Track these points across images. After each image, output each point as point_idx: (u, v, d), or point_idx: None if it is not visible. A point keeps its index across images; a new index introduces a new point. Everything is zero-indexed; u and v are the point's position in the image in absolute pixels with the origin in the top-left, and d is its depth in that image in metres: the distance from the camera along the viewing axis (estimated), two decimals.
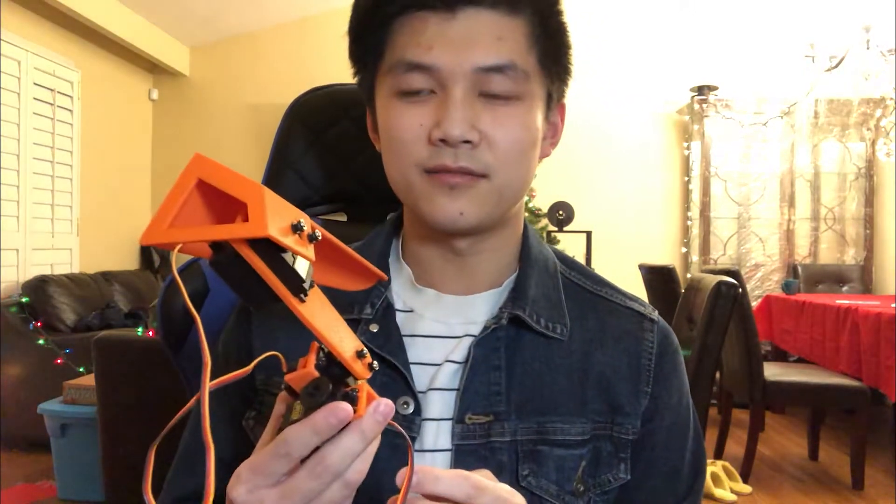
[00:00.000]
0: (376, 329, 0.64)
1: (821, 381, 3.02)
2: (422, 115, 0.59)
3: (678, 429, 0.68)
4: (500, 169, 0.60)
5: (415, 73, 0.59)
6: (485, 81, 0.58)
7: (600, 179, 5.05)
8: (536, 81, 0.61)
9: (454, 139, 0.57)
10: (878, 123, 4.62)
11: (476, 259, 0.66)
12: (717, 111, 4.68)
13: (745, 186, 4.76)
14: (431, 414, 0.62)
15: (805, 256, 4.74)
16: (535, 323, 0.63)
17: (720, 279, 2.23)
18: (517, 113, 0.60)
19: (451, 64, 0.58)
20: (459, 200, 0.59)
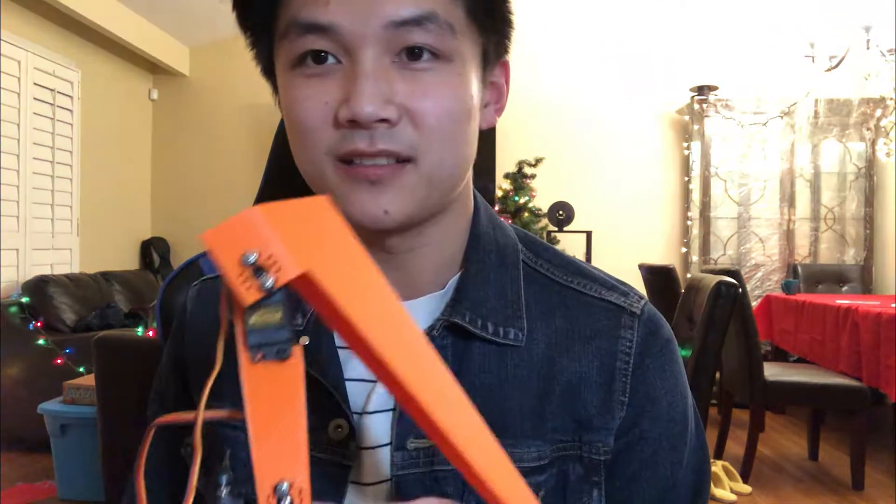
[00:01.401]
0: (307, 342, 0.54)
1: (821, 381, 3.02)
2: (326, 92, 0.48)
3: (668, 442, 0.56)
4: (429, 149, 0.48)
5: (312, 37, 0.47)
6: (400, 41, 0.47)
7: (600, 179, 5.05)
8: (466, 37, 0.50)
9: (366, 119, 0.46)
10: (878, 123, 4.62)
11: (413, 257, 0.55)
12: (717, 111, 4.68)
13: (745, 186, 4.75)
14: (368, 441, 0.53)
15: (805, 256, 4.74)
16: (479, 329, 0.53)
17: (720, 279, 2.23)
18: (444, 79, 0.48)
19: (355, 21, 0.46)
20: (383, 196, 0.48)
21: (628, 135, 5.05)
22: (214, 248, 0.30)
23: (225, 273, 0.30)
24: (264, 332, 0.31)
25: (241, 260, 0.30)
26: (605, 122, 5.03)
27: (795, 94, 4.55)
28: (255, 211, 0.31)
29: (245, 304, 0.30)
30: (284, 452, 0.31)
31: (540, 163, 4.62)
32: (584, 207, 4.80)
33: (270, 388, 0.32)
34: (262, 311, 0.31)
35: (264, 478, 0.31)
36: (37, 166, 3.92)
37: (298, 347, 0.33)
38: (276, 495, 0.31)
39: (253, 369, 0.32)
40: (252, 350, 0.32)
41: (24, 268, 3.83)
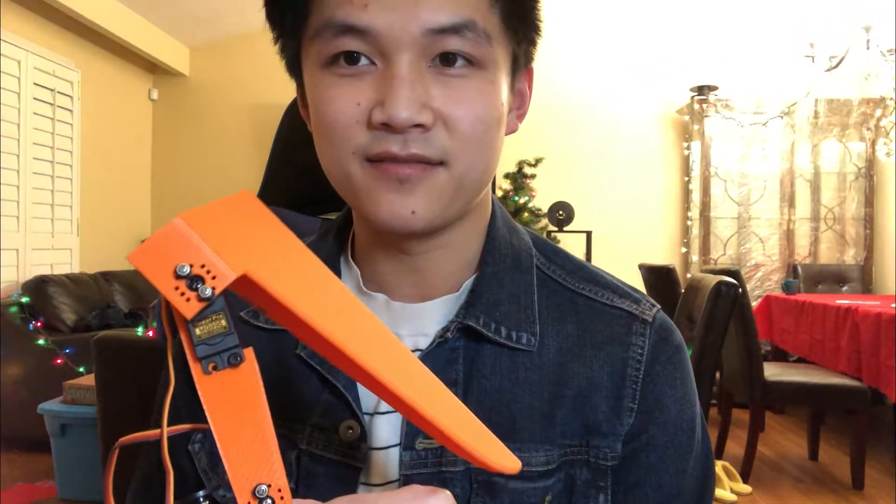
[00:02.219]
0: None
1: (821, 381, 3.02)
2: (359, 92, 0.47)
3: (674, 449, 0.55)
4: (461, 154, 0.48)
5: (347, 38, 0.47)
6: (437, 47, 0.47)
7: (600, 179, 5.05)
8: (500, 44, 0.50)
9: (402, 123, 0.46)
10: (878, 123, 4.62)
11: (430, 258, 0.55)
12: (717, 111, 4.68)
13: (745, 186, 4.76)
14: (378, 442, 0.53)
15: (805, 256, 4.74)
16: (492, 333, 0.53)
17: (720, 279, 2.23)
18: (478, 86, 0.48)
19: (394, 26, 0.46)
20: (411, 196, 0.48)
21: (628, 135, 5.05)
22: (143, 268, 0.30)
23: (161, 289, 0.30)
24: (212, 341, 0.31)
25: (175, 273, 0.30)
26: (605, 122, 5.04)
27: (795, 94, 4.55)
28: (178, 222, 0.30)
29: (187, 317, 0.30)
30: (256, 457, 0.31)
31: (540, 163, 4.62)
32: (584, 207, 4.80)
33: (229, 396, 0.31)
34: (205, 321, 0.31)
35: (241, 485, 0.31)
36: (37, 166, 3.92)
37: (249, 350, 0.32)
38: (256, 498, 0.31)
39: (208, 380, 0.31)
40: (203, 362, 0.31)
41: (24, 268, 3.83)
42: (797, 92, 4.53)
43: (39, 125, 3.94)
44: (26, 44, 3.83)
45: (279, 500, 0.31)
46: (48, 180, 4.03)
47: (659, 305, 0.59)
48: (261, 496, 0.31)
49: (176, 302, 0.30)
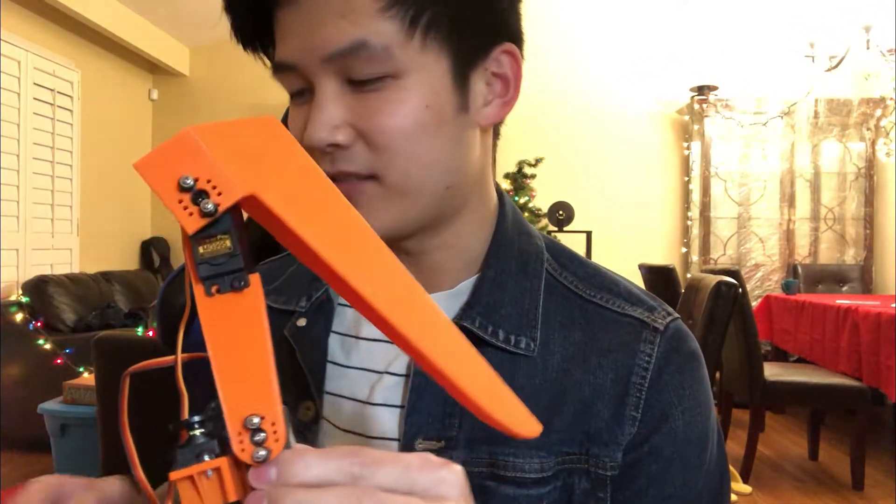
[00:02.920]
0: (303, 324, 0.57)
1: (821, 381, 3.02)
2: (301, 120, 0.51)
3: (680, 463, 0.53)
4: (388, 165, 0.49)
5: (284, 75, 0.52)
6: (346, 68, 0.49)
7: (600, 179, 5.05)
8: (414, 48, 0.49)
9: (317, 145, 0.49)
10: (878, 123, 4.62)
11: (428, 258, 0.56)
12: (717, 111, 4.68)
13: (745, 186, 4.76)
14: (373, 432, 0.54)
15: (805, 256, 4.74)
16: (489, 336, 0.53)
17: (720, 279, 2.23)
18: (390, 95, 0.49)
19: (302, 57, 0.49)
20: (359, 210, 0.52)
21: (628, 135, 5.05)
22: (148, 176, 0.29)
23: (163, 200, 0.29)
24: (214, 262, 0.30)
25: (179, 185, 0.28)
26: (605, 122, 5.04)
27: (795, 94, 4.55)
28: (191, 131, 0.29)
29: (188, 232, 0.29)
30: (252, 386, 0.30)
31: (540, 163, 4.62)
32: (584, 207, 4.80)
33: (230, 321, 0.30)
34: (210, 240, 0.30)
35: (233, 413, 0.30)
36: (37, 166, 3.92)
37: (256, 276, 0.31)
38: (247, 429, 0.29)
39: (209, 302, 0.30)
40: (205, 282, 0.30)
41: (24, 268, 3.83)
42: (797, 92, 4.53)
43: (39, 125, 3.94)
44: (26, 44, 3.83)
45: (272, 433, 0.30)
46: (48, 180, 4.04)
47: (678, 315, 0.57)
48: (252, 427, 0.29)
49: (178, 215, 0.29)
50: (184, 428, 0.31)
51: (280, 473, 0.30)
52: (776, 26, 4.75)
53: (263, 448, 0.29)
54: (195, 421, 0.31)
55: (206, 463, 0.30)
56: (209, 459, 0.30)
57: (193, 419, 0.31)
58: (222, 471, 0.30)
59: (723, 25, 4.83)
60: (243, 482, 0.30)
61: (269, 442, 0.30)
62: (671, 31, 4.92)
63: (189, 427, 0.31)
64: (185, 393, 0.31)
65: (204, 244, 0.30)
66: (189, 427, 0.31)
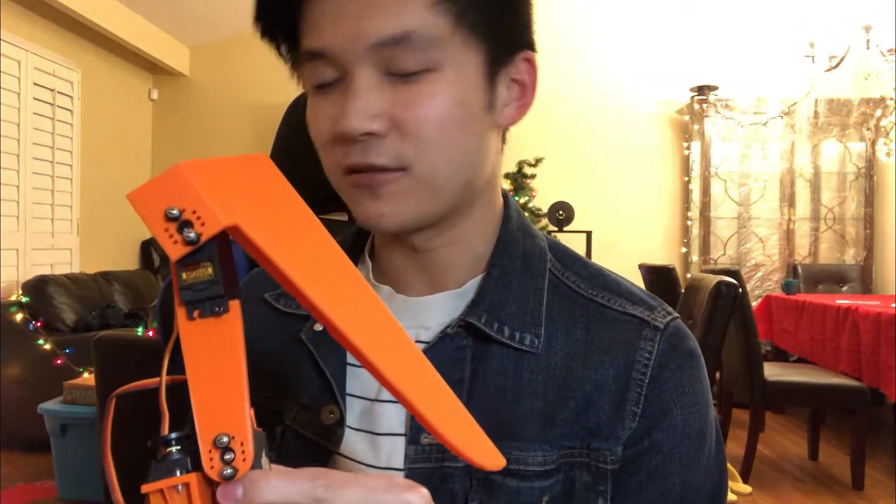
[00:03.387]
0: (320, 328, 0.58)
1: (821, 381, 3.02)
2: (331, 109, 0.51)
3: (679, 458, 0.54)
4: (419, 157, 0.50)
5: (315, 63, 0.51)
6: (388, 58, 0.49)
7: (600, 179, 5.05)
8: (456, 44, 0.50)
9: (352, 134, 0.49)
10: (878, 123, 4.62)
11: (437, 255, 0.57)
12: (717, 111, 4.69)
13: (745, 186, 4.76)
14: (380, 428, 0.55)
15: (805, 256, 4.74)
16: (494, 332, 0.54)
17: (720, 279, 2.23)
18: (431, 88, 0.50)
19: (344, 44, 0.49)
20: (379, 202, 0.51)
21: (628, 135, 5.05)
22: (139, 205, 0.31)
23: (151, 229, 0.31)
24: (196, 287, 0.32)
25: (166, 215, 0.30)
26: (605, 122, 5.04)
27: (795, 94, 4.55)
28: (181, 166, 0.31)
29: (172, 259, 0.31)
30: (224, 407, 0.32)
31: (540, 163, 4.62)
32: (584, 207, 4.80)
33: (209, 344, 0.32)
34: (192, 267, 0.32)
35: (205, 432, 0.32)
36: (37, 166, 3.93)
37: (235, 303, 0.33)
38: (217, 448, 0.31)
39: (190, 326, 0.32)
40: (187, 307, 0.32)
41: (24, 268, 3.83)
42: (797, 92, 4.53)
43: (39, 125, 3.94)
44: (26, 44, 3.83)
45: (240, 453, 0.31)
46: (48, 180, 4.04)
47: (677, 315, 0.58)
48: (222, 446, 0.31)
49: (164, 242, 0.31)
50: (161, 444, 0.33)
51: (246, 493, 0.32)
52: (776, 26, 4.75)
53: (231, 467, 0.31)
54: (172, 438, 0.33)
55: (177, 478, 0.32)
56: (180, 475, 0.32)
57: (171, 436, 0.33)
58: (191, 486, 0.32)
59: (723, 25, 4.83)
60: (212, 499, 0.32)
61: (237, 461, 0.32)
62: (671, 32, 4.92)
63: (166, 444, 0.33)
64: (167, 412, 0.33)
65: (187, 271, 0.32)
66: (166, 444, 0.33)
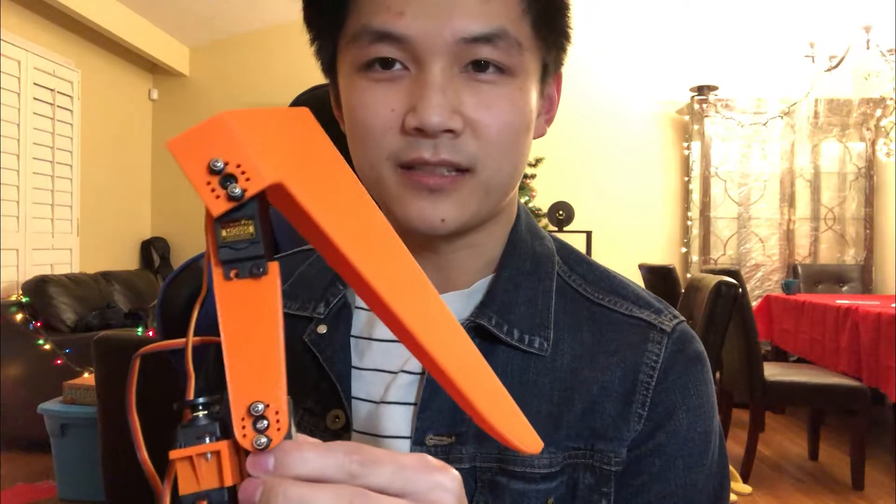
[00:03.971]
0: (324, 331, 0.56)
1: (821, 381, 3.02)
2: (393, 98, 0.49)
3: (683, 461, 0.54)
4: (488, 160, 0.50)
5: (382, 45, 0.48)
6: (469, 54, 0.48)
7: (600, 179, 5.05)
8: (530, 52, 0.51)
9: (433, 128, 0.47)
10: (878, 123, 4.62)
11: (455, 258, 0.56)
12: (717, 111, 4.68)
13: (745, 186, 4.76)
14: (386, 431, 0.54)
15: (805, 256, 4.74)
16: (504, 334, 0.53)
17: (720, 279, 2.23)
18: (507, 93, 0.50)
19: (428, 33, 0.47)
20: (441, 205, 0.50)
21: (628, 135, 5.05)
22: (180, 155, 0.29)
23: (192, 181, 0.29)
24: (236, 246, 0.30)
25: (209, 167, 0.29)
26: (605, 122, 5.04)
27: (795, 94, 4.55)
28: (227, 116, 0.29)
29: (214, 214, 0.29)
30: (260, 373, 0.30)
31: (540, 163, 4.62)
32: (584, 207, 4.80)
33: (245, 306, 0.30)
34: (233, 225, 0.30)
35: (238, 398, 0.30)
36: (37, 166, 3.92)
37: (274, 264, 0.31)
38: (251, 415, 0.29)
39: (227, 286, 0.30)
40: (225, 266, 0.30)
41: (24, 268, 3.83)
42: (797, 92, 4.53)
43: (39, 125, 3.94)
44: (26, 44, 3.83)
45: (275, 422, 0.30)
46: (48, 180, 4.04)
47: (683, 318, 0.58)
48: (256, 414, 0.29)
49: (205, 196, 0.29)
50: (188, 408, 0.31)
51: (278, 464, 0.30)
52: (776, 26, 4.75)
53: (265, 436, 0.29)
54: (200, 402, 0.31)
55: (208, 445, 0.30)
56: (210, 442, 0.30)
57: (198, 400, 0.31)
58: (222, 455, 0.30)
59: (723, 25, 4.83)
60: (241, 468, 0.30)
61: (270, 430, 0.30)
62: (672, 31, 4.92)
63: (193, 408, 0.31)
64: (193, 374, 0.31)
65: (227, 228, 0.30)
66: (193, 408, 0.31)
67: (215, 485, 0.30)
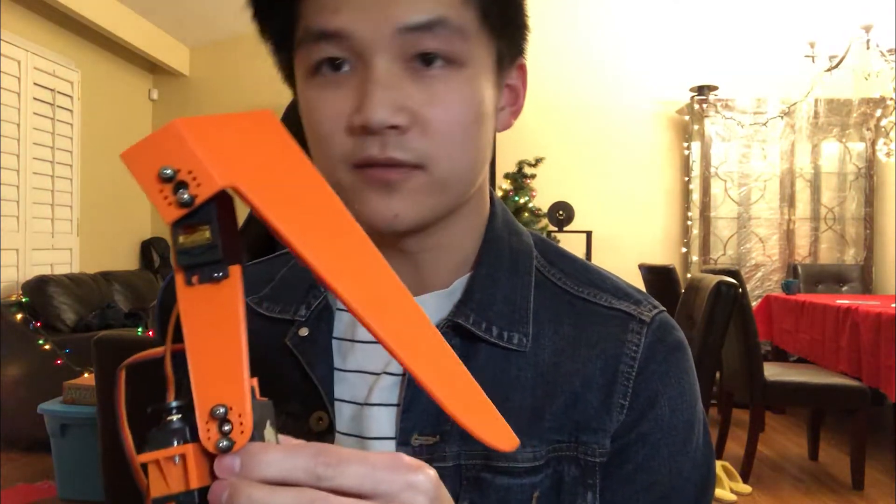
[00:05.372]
0: (305, 333, 0.56)
1: (821, 381, 3.02)
2: (341, 100, 0.48)
3: (667, 450, 0.54)
4: (439, 156, 0.49)
5: (325, 44, 0.48)
6: (412, 47, 0.47)
7: (600, 179, 5.05)
8: (479, 41, 0.50)
9: (376, 125, 0.46)
10: (878, 123, 4.62)
11: (425, 258, 0.55)
12: (717, 111, 4.68)
13: (745, 186, 4.76)
14: (370, 432, 0.53)
15: (805, 256, 4.74)
16: (483, 332, 0.53)
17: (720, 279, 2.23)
18: (456, 86, 0.49)
19: (367, 27, 0.47)
20: (394, 200, 0.49)
21: (628, 135, 5.05)
22: (132, 165, 0.29)
23: (144, 189, 0.29)
24: (193, 252, 0.30)
25: (159, 175, 0.29)
26: (605, 122, 5.04)
27: (795, 94, 4.55)
28: (179, 123, 0.29)
29: (166, 221, 0.30)
30: (223, 377, 0.30)
31: (540, 163, 4.62)
32: (584, 207, 4.80)
33: (207, 311, 0.31)
34: (190, 230, 0.30)
35: (202, 401, 0.30)
36: (37, 166, 3.93)
37: (236, 268, 0.31)
38: (214, 418, 0.30)
39: (188, 291, 0.31)
40: (185, 271, 0.31)
41: (24, 268, 3.83)
42: (797, 92, 4.52)
43: (39, 125, 3.94)
44: (26, 44, 3.83)
45: (238, 425, 0.30)
46: (48, 180, 4.04)
47: (663, 308, 0.58)
48: (219, 417, 0.30)
49: (157, 204, 0.29)
50: (161, 412, 0.32)
51: (243, 466, 0.30)
52: (776, 26, 4.75)
53: (228, 439, 0.30)
54: (173, 406, 0.32)
55: (173, 449, 0.30)
56: (178, 445, 0.31)
57: (171, 404, 0.32)
58: (187, 457, 0.30)
59: (723, 25, 4.83)
60: (210, 471, 0.31)
61: (234, 433, 0.30)
62: (671, 31, 4.92)
63: (167, 412, 0.31)
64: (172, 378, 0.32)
65: (184, 234, 0.30)
66: (167, 412, 0.31)
67: (182, 488, 0.30)
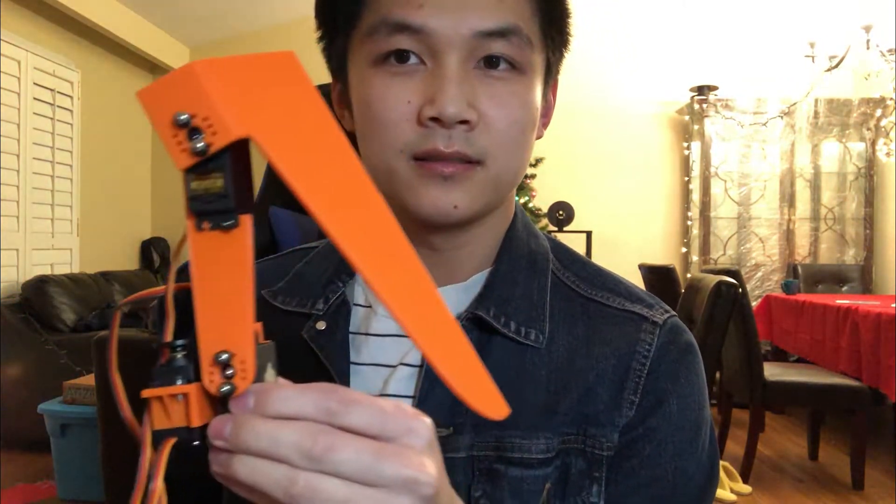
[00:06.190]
0: (323, 327, 0.57)
1: (821, 381, 3.02)
2: (410, 90, 0.50)
3: (673, 447, 0.55)
4: (498, 154, 0.52)
5: (401, 37, 0.50)
6: (483, 49, 0.50)
7: (600, 179, 5.05)
8: (539, 51, 0.54)
9: (450, 118, 0.49)
10: (878, 123, 4.62)
11: (454, 255, 0.58)
12: (717, 111, 4.68)
13: (745, 186, 4.76)
14: None
15: (805, 256, 4.74)
16: (501, 326, 0.55)
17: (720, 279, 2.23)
18: (518, 89, 0.52)
19: (446, 26, 0.49)
20: (454, 192, 0.51)
21: (628, 135, 5.05)
22: (148, 105, 0.29)
23: (158, 133, 0.29)
24: (206, 199, 0.30)
25: (174, 120, 0.28)
26: (605, 122, 5.04)
27: (795, 94, 4.55)
28: (197, 65, 0.28)
29: (178, 167, 0.29)
30: (228, 324, 0.31)
31: (540, 163, 4.62)
32: (584, 207, 4.80)
33: (216, 258, 0.31)
34: (203, 177, 0.30)
35: (207, 346, 0.31)
36: (37, 166, 3.92)
37: (247, 217, 0.31)
38: (217, 364, 0.31)
39: (198, 237, 0.31)
40: (196, 218, 0.30)
41: (24, 268, 3.83)
42: (797, 92, 4.53)
43: (39, 125, 3.94)
44: (26, 44, 3.83)
45: (240, 371, 0.31)
46: (48, 180, 4.03)
47: (674, 312, 0.60)
48: (222, 363, 0.31)
49: (170, 149, 0.29)
50: (166, 348, 0.32)
51: (257, 403, 0.31)
52: (776, 26, 4.75)
53: (230, 383, 0.31)
54: (178, 344, 0.32)
55: (177, 387, 0.31)
56: (182, 384, 0.31)
57: (177, 342, 0.32)
58: (190, 397, 0.31)
59: (723, 25, 4.83)
60: (212, 411, 0.32)
61: (236, 378, 0.31)
62: (672, 31, 4.92)
63: (172, 349, 0.32)
64: (172, 316, 0.32)
65: (197, 180, 0.30)
66: (172, 349, 0.32)
67: (184, 424, 0.31)
